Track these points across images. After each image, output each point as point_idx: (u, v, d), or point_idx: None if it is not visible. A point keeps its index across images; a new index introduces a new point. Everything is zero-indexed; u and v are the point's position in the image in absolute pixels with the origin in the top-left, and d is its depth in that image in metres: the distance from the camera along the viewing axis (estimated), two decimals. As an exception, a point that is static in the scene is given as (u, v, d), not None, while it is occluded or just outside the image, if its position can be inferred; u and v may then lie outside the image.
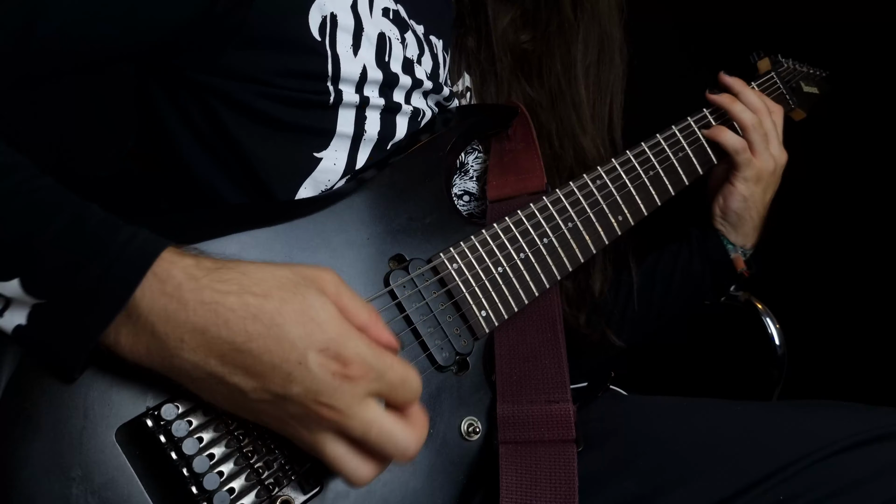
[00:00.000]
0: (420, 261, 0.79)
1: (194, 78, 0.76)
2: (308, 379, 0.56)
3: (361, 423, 0.57)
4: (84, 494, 0.58)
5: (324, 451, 0.59)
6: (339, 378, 0.56)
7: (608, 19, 1.04)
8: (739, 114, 1.05)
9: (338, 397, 0.56)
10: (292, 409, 0.57)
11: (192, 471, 0.61)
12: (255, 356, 0.56)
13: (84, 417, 0.59)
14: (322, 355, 0.56)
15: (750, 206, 1.08)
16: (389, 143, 0.84)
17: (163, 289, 0.56)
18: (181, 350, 0.56)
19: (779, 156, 1.07)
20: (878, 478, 0.76)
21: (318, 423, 0.57)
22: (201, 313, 0.55)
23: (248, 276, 0.57)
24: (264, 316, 0.56)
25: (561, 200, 0.89)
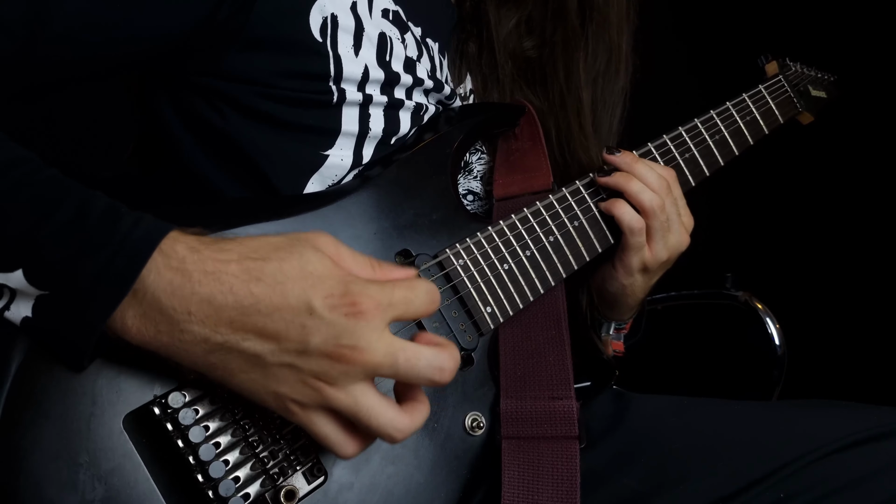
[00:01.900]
0: (426, 256, 0.79)
1: (197, 81, 0.76)
2: (323, 326, 0.55)
3: (386, 352, 0.56)
4: (91, 480, 0.58)
5: (357, 406, 0.57)
6: (352, 317, 0.56)
7: (617, 30, 1.01)
8: (638, 195, 0.88)
9: (358, 335, 0.56)
10: (315, 364, 0.56)
11: (199, 458, 0.61)
12: (264, 315, 0.56)
13: (92, 404, 0.60)
14: (329, 300, 0.56)
15: (628, 294, 0.95)
16: (393, 139, 0.84)
17: (168, 263, 0.56)
18: (190, 323, 0.56)
19: (678, 244, 0.91)
20: (877, 476, 0.76)
21: (345, 371, 0.56)
22: (205, 283, 0.56)
23: (245, 245, 0.58)
24: (266, 277, 0.56)
25: (567, 199, 0.89)
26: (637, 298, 0.96)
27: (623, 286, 0.93)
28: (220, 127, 0.78)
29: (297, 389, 0.58)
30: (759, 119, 1.13)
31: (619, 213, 0.88)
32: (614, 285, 0.94)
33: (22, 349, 0.59)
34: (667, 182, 0.90)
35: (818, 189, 1.53)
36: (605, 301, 0.98)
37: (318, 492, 0.68)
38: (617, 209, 0.88)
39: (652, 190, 0.88)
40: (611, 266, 0.94)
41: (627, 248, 0.90)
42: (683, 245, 0.92)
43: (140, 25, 0.68)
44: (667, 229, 0.89)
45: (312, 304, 0.56)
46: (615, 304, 0.98)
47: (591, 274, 0.98)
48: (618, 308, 0.99)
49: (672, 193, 0.91)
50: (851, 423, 0.81)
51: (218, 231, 0.68)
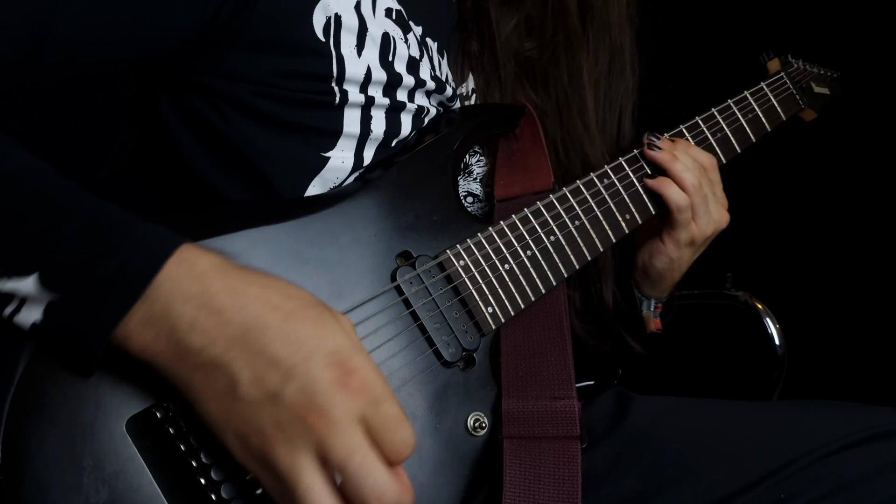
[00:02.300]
0: (427, 257, 0.79)
1: (198, 81, 0.76)
2: (308, 378, 0.54)
3: (347, 444, 0.53)
4: (95, 483, 0.59)
5: (298, 477, 0.53)
6: (337, 385, 0.54)
7: (619, 30, 1.01)
8: (681, 173, 0.94)
9: (332, 405, 0.54)
10: (280, 413, 0.54)
11: (201, 461, 0.62)
12: (262, 343, 0.55)
13: (95, 408, 0.60)
14: (328, 359, 0.55)
15: (674, 269, 0.99)
16: (395, 141, 0.84)
17: (189, 272, 0.57)
18: (191, 331, 0.56)
19: (719, 219, 0.97)
20: (877, 476, 0.76)
21: (302, 433, 0.54)
22: (222, 297, 0.56)
23: (272, 280, 0.60)
24: (282, 310, 0.57)
25: (568, 198, 0.90)
26: (681, 273, 1.01)
27: (671, 260, 0.98)
28: (220, 127, 0.78)
29: (253, 434, 0.55)
30: (762, 116, 1.13)
31: (668, 192, 0.94)
32: (662, 260, 0.98)
33: (26, 354, 0.59)
34: (701, 164, 0.97)
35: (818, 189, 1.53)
36: (650, 277, 1.02)
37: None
38: (665, 188, 0.94)
39: (690, 170, 0.95)
40: (659, 241, 0.98)
41: (676, 225, 0.95)
42: (724, 221, 0.98)
43: (144, 27, 0.69)
44: (707, 206, 0.95)
45: (312, 355, 0.55)
46: (660, 280, 1.01)
47: (636, 254, 1.02)
48: (661, 284, 1.02)
49: (708, 176, 0.97)
50: (851, 423, 0.81)
51: (215, 235, 0.69)
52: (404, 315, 0.77)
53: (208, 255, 0.59)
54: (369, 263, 0.77)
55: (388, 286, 0.76)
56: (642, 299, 1.05)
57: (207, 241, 0.67)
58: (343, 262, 0.75)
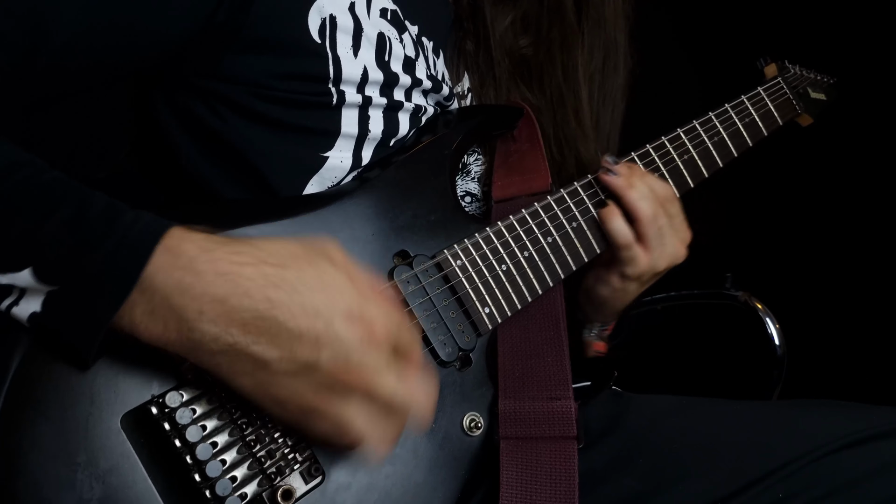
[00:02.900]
0: (424, 257, 0.79)
1: (195, 83, 0.76)
2: (337, 343, 0.57)
3: (388, 386, 0.59)
4: (89, 479, 0.59)
5: (352, 422, 0.59)
6: (365, 342, 0.58)
7: (613, 26, 1.01)
8: (635, 202, 0.88)
9: (367, 360, 0.57)
10: (320, 377, 0.57)
11: (196, 458, 0.62)
12: (279, 323, 0.56)
13: (90, 404, 0.60)
14: (347, 320, 0.57)
15: (617, 299, 0.94)
16: (393, 141, 0.84)
17: (175, 263, 0.56)
18: (200, 322, 0.55)
19: (674, 254, 0.91)
20: (876, 476, 0.76)
21: (346, 389, 0.58)
22: (219, 284, 0.56)
23: (261, 249, 0.59)
24: (285, 284, 0.57)
25: (565, 199, 0.90)
26: (625, 304, 0.96)
27: (615, 290, 0.93)
28: (218, 129, 0.78)
29: (296, 399, 0.59)
30: (758, 121, 1.13)
31: (612, 225, 0.89)
32: (606, 290, 0.93)
33: (21, 349, 0.59)
34: (658, 195, 0.90)
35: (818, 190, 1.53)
36: (593, 303, 0.97)
37: (316, 492, 0.68)
38: (610, 221, 0.89)
39: (647, 199, 0.89)
40: (605, 271, 0.93)
41: (620, 260, 0.90)
42: (679, 257, 0.92)
43: (140, 32, 0.68)
44: (661, 239, 0.89)
45: (331, 321, 0.57)
46: (602, 307, 0.97)
47: (583, 275, 0.96)
48: (604, 311, 0.98)
49: (665, 208, 0.91)
50: (851, 423, 0.81)
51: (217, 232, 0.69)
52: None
53: (192, 237, 0.58)
54: (366, 262, 0.77)
55: (385, 285, 0.76)
56: (584, 323, 1.01)
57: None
58: (340, 261, 0.75)
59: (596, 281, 0.95)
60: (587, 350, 1.01)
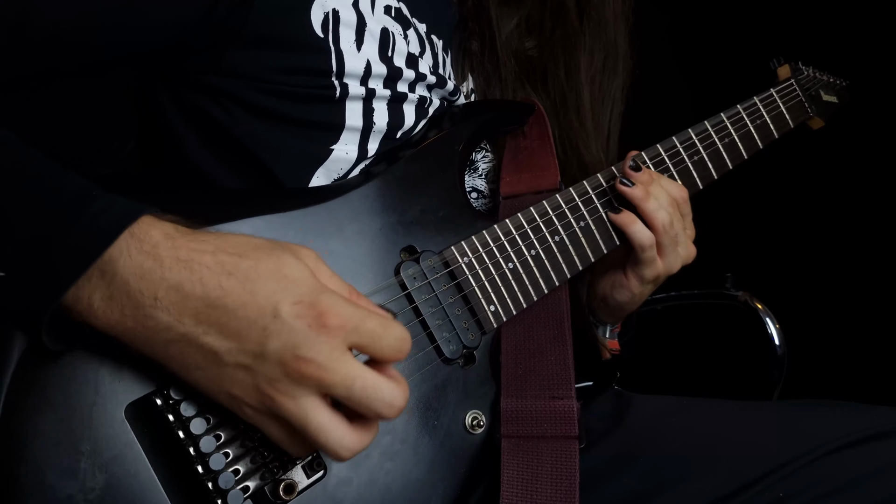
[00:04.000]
0: (431, 253, 0.79)
1: (200, 78, 0.76)
2: (285, 331, 0.54)
3: (344, 376, 0.55)
4: (92, 468, 0.59)
5: (306, 420, 0.55)
6: (315, 328, 0.54)
7: (614, 28, 1.02)
8: (653, 213, 0.89)
9: (318, 349, 0.54)
10: (270, 370, 0.55)
11: (199, 450, 0.62)
12: (229, 311, 0.55)
13: (95, 393, 0.60)
14: (297, 306, 0.55)
15: (635, 302, 0.96)
16: (399, 132, 0.84)
17: (140, 247, 0.55)
18: (155, 309, 0.55)
19: (687, 255, 0.93)
20: (876, 476, 0.77)
21: (298, 382, 0.55)
22: (176, 270, 0.55)
23: (223, 239, 0.58)
24: (239, 272, 0.55)
25: (574, 199, 0.89)
26: (638, 305, 0.98)
27: (633, 294, 0.94)
28: (223, 123, 0.77)
29: (250, 394, 0.57)
30: (770, 123, 1.12)
31: (632, 230, 0.89)
32: (625, 294, 0.94)
33: (25, 337, 0.59)
34: (674, 199, 0.91)
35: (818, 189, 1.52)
36: (609, 307, 0.98)
37: (318, 486, 0.68)
38: (629, 226, 0.89)
39: (664, 209, 0.89)
40: (622, 276, 0.94)
41: (640, 262, 0.91)
42: (691, 257, 0.94)
43: (135, 16, 0.68)
44: (676, 244, 0.91)
45: (278, 308, 0.55)
46: (618, 311, 0.98)
47: (596, 283, 0.98)
48: (619, 314, 1.00)
49: (680, 211, 0.92)
50: (851, 423, 0.82)
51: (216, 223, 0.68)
52: (406, 310, 0.76)
53: (160, 225, 0.57)
54: (373, 256, 0.76)
55: (392, 280, 0.76)
56: (598, 325, 1.03)
57: (213, 227, 0.67)
58: (347, 254, 0.75)
59: (613, 288, 0.96)
60: (604, 351, 1.01)
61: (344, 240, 0.75)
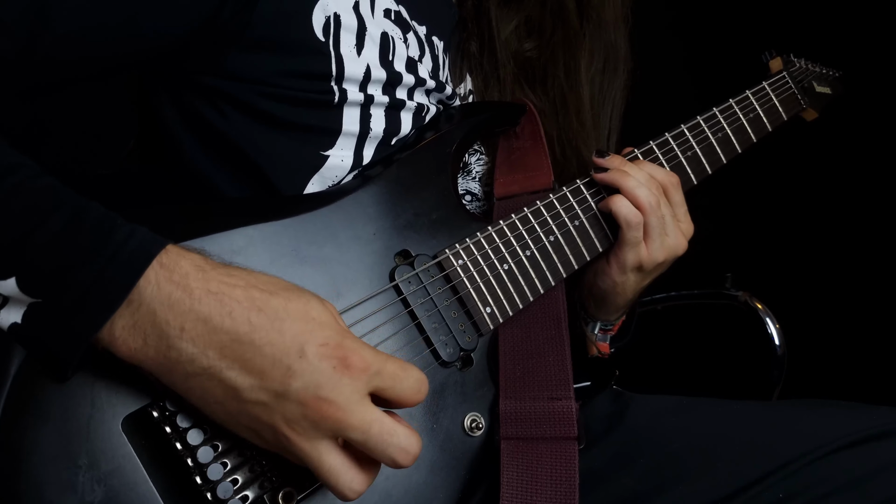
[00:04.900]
0: (426, 256, 0.79)
1: (199, 81, 0.76)
2: (308, 371, 0.56)
3: (362, 420, 0.56)
4: (90, 482, 0.59)
5: (319, 461, 0.57)
6: (339, 370, 0.56)
7: (613, 28, 1.02)
8: (633, 190, 0.86)
9: (339, 391, 0.56)
10: (290, 409, 0.56)
11: (197, 461, 0.62)
12: (256, 348, 0.56)
13: (91, 406, 0.60)
14: (322, 350, 0.56)
15: (618, 293, 0.93)
16: (394, 139, 0.84)
17: (169, 277, 0.56)
18: (180, 340, 0.55)
19: (675, 245, 0.90)
20: (876, 476, 0.76)
21: (316, 423, 0.56)
22: (206, 302, 0.56)
23: (254, 276, 0.59)
24: (269, 309, 0.56)
25: (567, 198, 0.89)
26: (626, 298, 0.94)
27: (615, 283, 0.92)
28: (220, 127, 0.77)
29: (266, 430, 0.58)
30: (763, 116, 1.12)
31: (616, 206, 0.87)
32: (606, 282, 0.92)
33: (22, 351, 0.59)
34: (657, 182, 0.89)
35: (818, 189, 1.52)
36: (594, 298, 0.96)
37: (317, 494, 0.68)
38: (614, 203, 0.87)
39: (644, 186, 0.87)
40: (605, 262, 0.92)
41: (623, 244, 0.89)
42: (680, 249, 0.91)
43: (143, 25, 0.68)
44: (663, 229, 0.88)
45: (305, 348, 0.56)
46: (604, 302, 0.96)
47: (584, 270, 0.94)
48: (605, 306, 0.97)
49: (668, 196, 0.90)
50: (851, 423, 0.81)
51: (218, 231, 0.68)
52: (402, 314, 0.76)
53: (189, 255, 0.58)
54: (368, 262, 0.76)
55: (387, 285, 0.76)
56: (588, 320, 1.01)
57: (207, 237, 0.67)
58: (341, 261, 0.75)
59: (595, 275, 0.94)
60: (589, 348, 1.00)
61: (338, 246, 0.75)
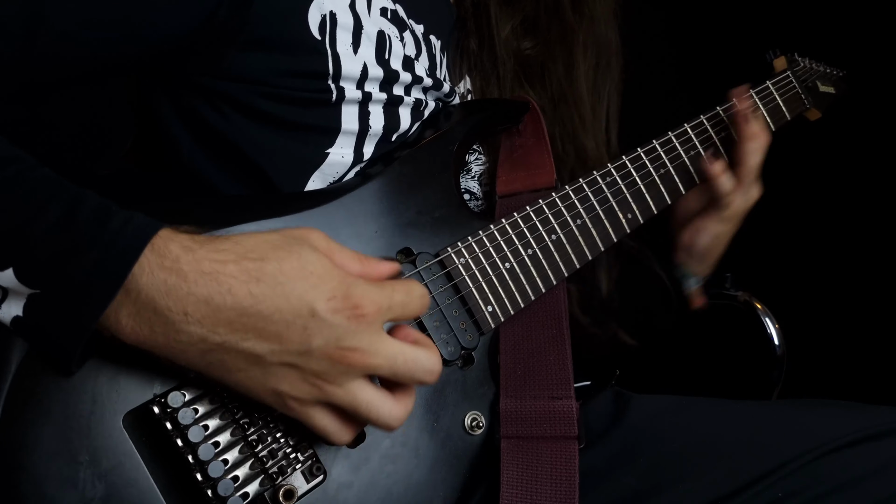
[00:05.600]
0: (427, 254, 0.79)
1: (197, 81, 0.76)
2: (325, 328, 0.57)
3: (387, 357, 0.59)
4: (91, 479, 0.59)
5: (356, 401, 0.60)
6: (354, 320, 0.57)
7: (605, 23, 1.03)
8: (750, 155, 0.98)
9: (360, 337, 0.58)
10: (316, 364, 0.58)
11: (198, 458, 0.62)
12: (265, 317, 0.56)
13: (92, 402, 0.60)
14: (332, 302, 0.57)
15: (718, 244, 1.03)
16: (394, 135, 0.84)
17: (161, 263, 0.55)
18: (186, 324, 0.55)
19: (756, 192, 1.01)
20: (875, 475, 0.77)
21: (345, 371, 0.58)
22: (202, 283, 0.55)
23: (241, 244, 0.58)
24: (266, 277, 0.56)
25: (570, 196, 0.89)
26: (722, 247, 1.04)
27: (715, 236, 1.01)
28: (219, 127, 0.77)
29: (297, 387, 0.59)
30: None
31: (721, 181, 0.97)
32: (707, 238, 1.01)
33: (22, 347, 0.59)
34: None
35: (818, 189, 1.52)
36: (695, 256, 1.04)
37: (318, 490, 0.68)
38: (719, 177, 0.97)
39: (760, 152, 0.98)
40: (703, 220, 1.01)
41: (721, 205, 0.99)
42: (759, 193, 1.02)
43: (139, 25, 0.68)
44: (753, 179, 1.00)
45: (315, 307, 0.57)
46: (706, 256, 1.04)
47: (678, 234, 1.05)
48: (707, 260, 1.05)
49: None
50: (851, 423, 0.81)
51: (215, 229, 0.68)
52: (404, 312, 0.76)
53: (177, 237, 0.57)
54: (370, 260, 0.76)
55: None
56: (687, 277, 1.08)
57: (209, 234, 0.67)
58: (343, 258, 0.74)
59: (696, 233, 1.02)
60: (692, 301, 1.08)
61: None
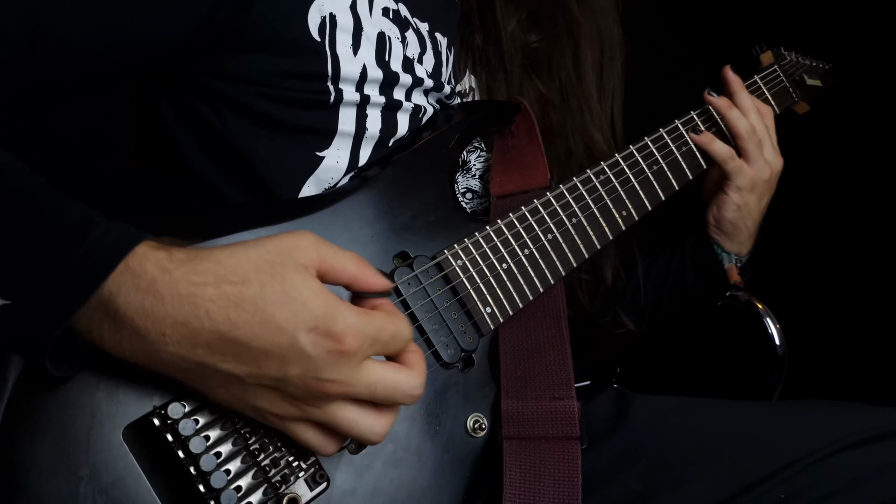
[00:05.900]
0: (424, 258, 0.79)
1: (196, 82, 0.76)
2: (304, 359, 0.55)
3: (366, 386, 0.58)
4: (92, 494, 0.58)
5: (336, 422, 0.59)
6: (335, 355, 0.55)
7: (606, 16, 1.05)
8: (735, 121, 1.02)
9: (338, 371, 0.56)
10: (294, 390, 0.57)
11: (200, 469, 0.61)
12: (243, 343, 0.54)
13: (91, 417, 0.59)
14: (313, 334, 0.54)
15: (744, 215, 1.05)
16: (391, 141, 0.83)
17: (137, 284, 0.54)
18: (165, 344, 0.54)
19: (774, 161, 1.05)
20: (877, 477, 0.76)
21: (322, 398, 0.57)
22: (179, 307, 0.54)
23: (222, 265, 0.55)
24: (246, 303, 0.54)
25: (564, 196, 0.89)
26: (753, 221, 1.07)
27: (738, 207, 1.04)
28: (217, 127, 0.77)
29: (277, 405, 0.58)
30: None
31: (712, 147, 1.01)
32: (730, 209, 1.05)
33: (19, 362, 0.58)
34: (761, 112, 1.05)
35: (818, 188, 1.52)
36: (725, 232, 1.07)
37: (321, 498, 0.67)
38: (709, 145, 1.01)
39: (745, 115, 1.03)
40: (723, 193, 1.04)
41: (730, 174, 1.02)
42: (780, 163, 1.06)
43: (140, 29, 0.68)
44: (761, 147, 1.02)
45: (295, 337, 0.54)
46: (735, 231, 1.07)
47: (706, 212, 1.09)
48: (738, 235, 1.07)
49: (763, 120, 1.05)
50: (852, 424, 0.81)
51: (214, 237, 0.68)
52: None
53: (154, 255, 0.55)
54: (367, 265, 0.76)
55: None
56: (723, 255, 1.10)
57: (203, 243, 0.66)
58: (340, 264, 0.74)
59: (719, 208, 1.06)
60: (731, 276, 1.10)
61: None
